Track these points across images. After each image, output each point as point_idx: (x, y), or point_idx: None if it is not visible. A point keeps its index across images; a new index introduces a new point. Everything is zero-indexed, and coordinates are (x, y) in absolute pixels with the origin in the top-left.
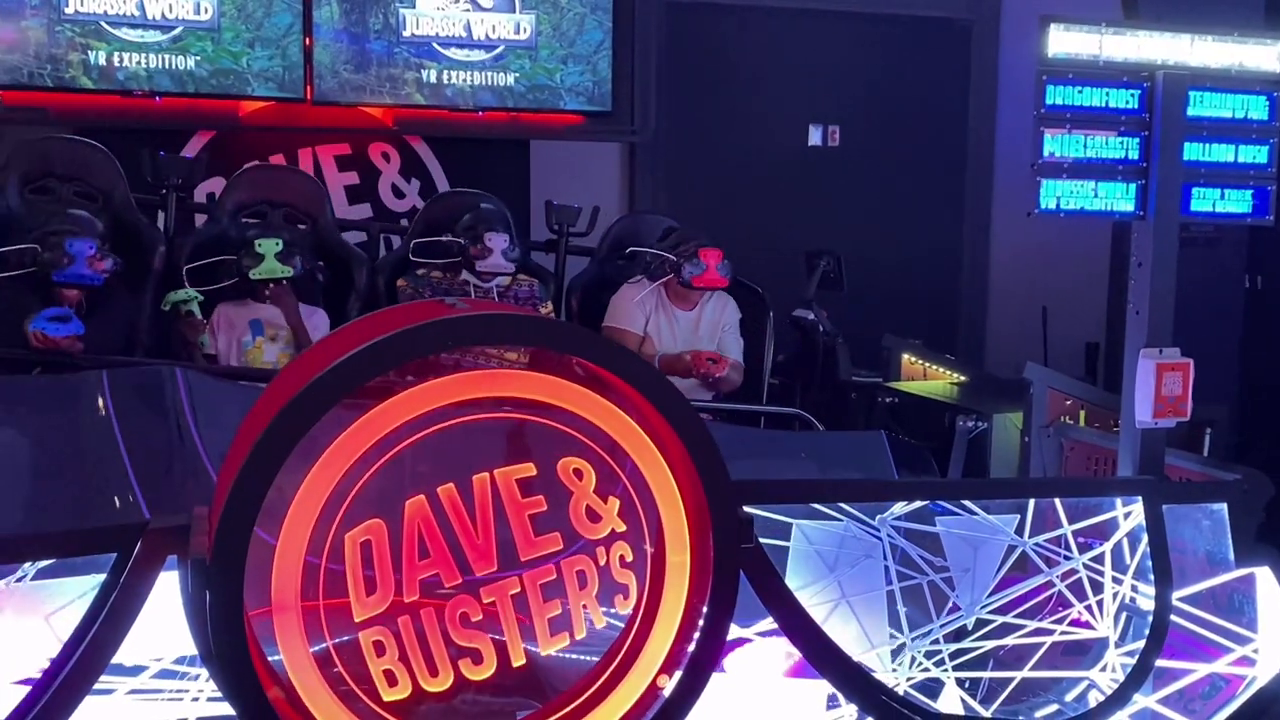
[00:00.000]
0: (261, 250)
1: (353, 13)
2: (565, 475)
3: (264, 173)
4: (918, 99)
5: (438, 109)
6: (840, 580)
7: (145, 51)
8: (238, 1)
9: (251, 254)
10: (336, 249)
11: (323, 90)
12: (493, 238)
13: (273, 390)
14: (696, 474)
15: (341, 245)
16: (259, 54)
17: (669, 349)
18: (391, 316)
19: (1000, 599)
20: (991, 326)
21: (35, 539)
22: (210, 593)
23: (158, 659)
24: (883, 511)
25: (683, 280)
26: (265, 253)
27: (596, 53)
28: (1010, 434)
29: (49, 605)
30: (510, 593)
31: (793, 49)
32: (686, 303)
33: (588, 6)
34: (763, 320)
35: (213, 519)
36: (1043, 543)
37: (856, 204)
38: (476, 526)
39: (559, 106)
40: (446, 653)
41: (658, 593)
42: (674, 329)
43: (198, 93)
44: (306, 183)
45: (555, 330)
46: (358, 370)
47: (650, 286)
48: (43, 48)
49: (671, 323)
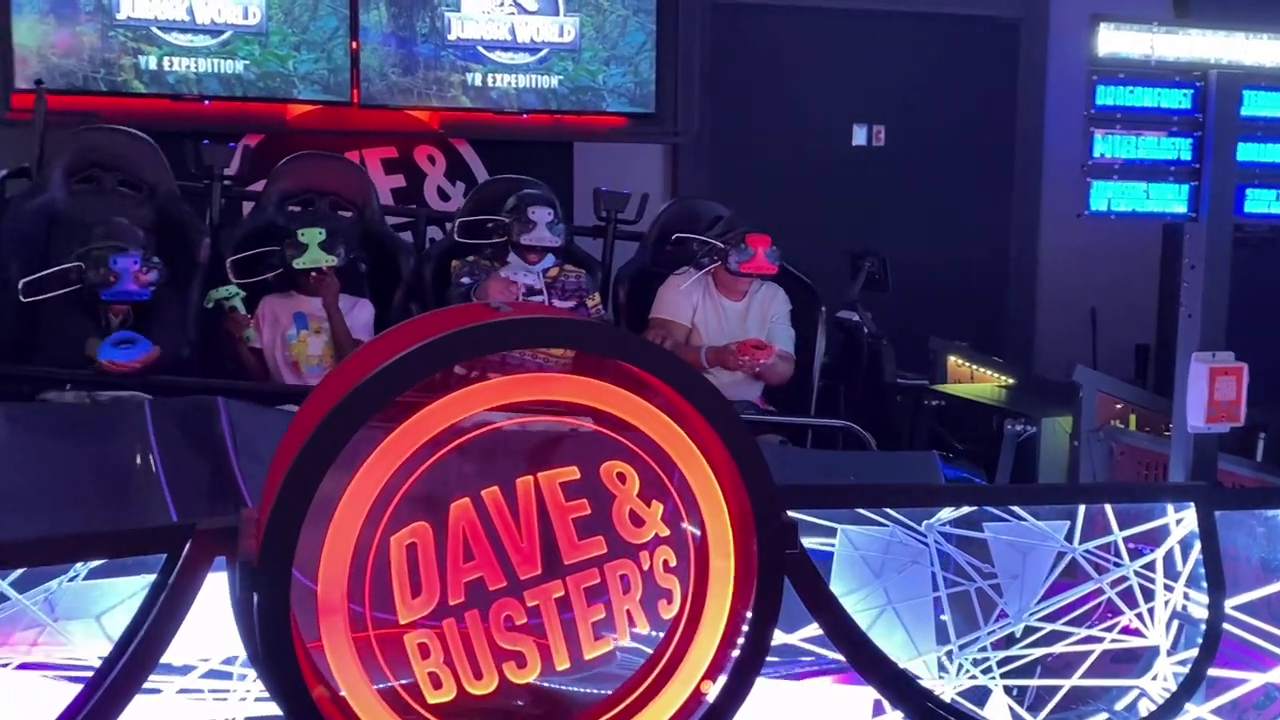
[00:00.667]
0: (305, 240)
1: (400, 16)
2: (609, 479)
3: (310, 161)
4: (964, 98)
5: (482, 112)
6: (886, 586)
7: (194, 56)
8: (284, 5)
9: (295, 244)
10: (382, 238)
11: (370, 93)
12: (536, 211)
13: (320, 393)
14: (740, 478)
15: (387, 234)
16: (304, 57)
17: (716, 340)
18: (437, 320)
19: (1049, 606)
20: (1039, 328)
21: (87, 538)
22: (258, 594)
23: (205, 659)
24: (929, 517)
25: (730, 268)
26: (309, 242)
27: (639, 54)
28: (1059, 438)
29: (100, 605)
30: (554, 596)
31: (837, 49)
32: (734, 292)
33: (630, 8)
34: (814, 314)
35: (260, 520)
36: (1093, 549)
37: (902, 204)
38: (520, 530)
39: (602, 108)
40: (491, 656)
41: (701, 598)
42: (722, 319)
43: (245, 96)
44: (352, 171)
45: (597, 334)
46: (404, 374)
47: (696, 275)
48: (96, 52)
49: (719, 313)
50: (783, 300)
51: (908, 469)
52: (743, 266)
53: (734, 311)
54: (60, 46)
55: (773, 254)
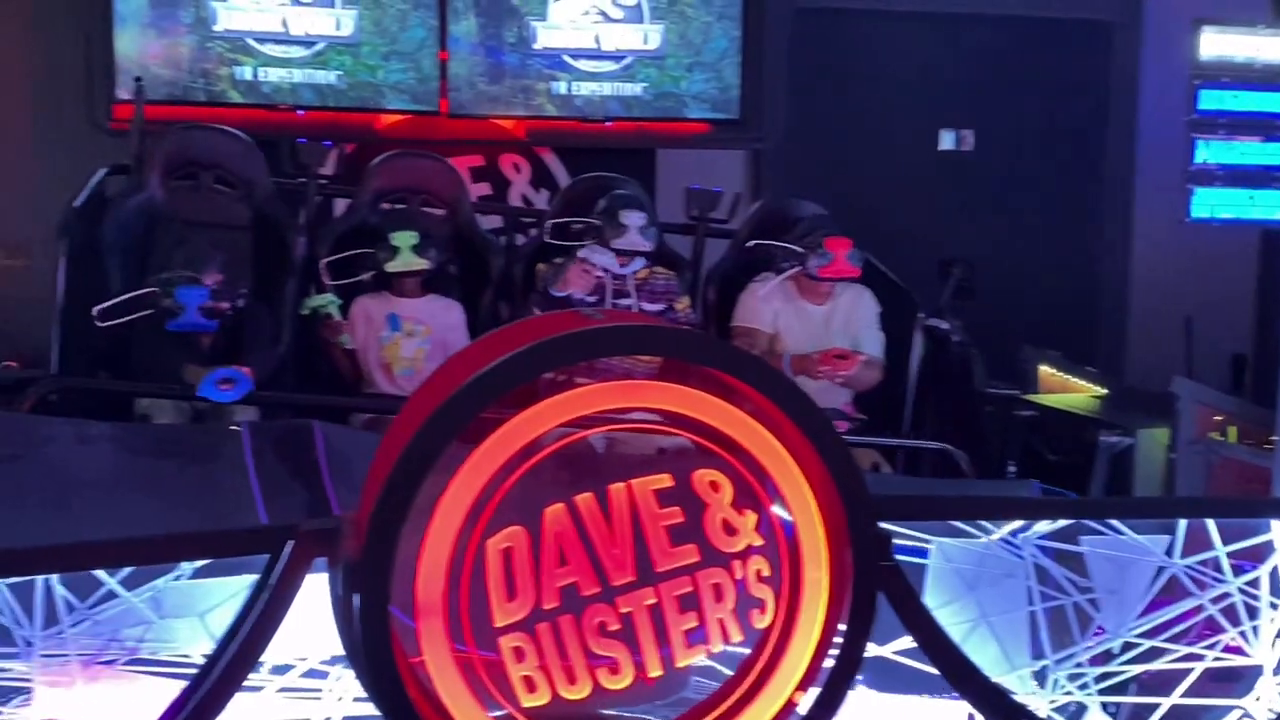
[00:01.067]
0: (397, 243)
1: (489, 26)
2: (701, 487)
3: (403, 160)
4: (1054, 102)
5: (567, 120)
6: (980, 600)
7: (289, 66)
8: (374, 17)
9: (387, 247)
10: (473, 237)
11: (458, 102)
12: (628, 215)
13: (419, 397)
14: (834, 488)
15: (478, 234)
16: (394, 67)
17: (801, 345)
18: (531, 327)
19: (1148, 622)
20: (1132, 337)
21: (193, 539)
22: (358, 595)
23: (303, 658)
24: (1025, 530)
25: (809, 273)
26: (401, 245)
27: (722, 60)
28: (1156, 450)
29: (204, 603)
30: (646, 603)
31: (923, 53)
32: (817, 296)
33: (714, 15)
34: (907, 317)
35: (360, 522)
36: (1194, 565)
37: (990, 210)
38: (614, 536)
39: (684, 115)
40: (584, 661)
41: (795, 609)
42: (805, 324)
43: (337, 106)
44: (445, 170)
45: (688, 341)
46: (502, 378)
47: (775, 281)
48: (194, 63)
49: (802, 318)
50: (869, 303)
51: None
52: (821, 271)
53: (817, 316)
54: (159, 57)
55: (854, 256)
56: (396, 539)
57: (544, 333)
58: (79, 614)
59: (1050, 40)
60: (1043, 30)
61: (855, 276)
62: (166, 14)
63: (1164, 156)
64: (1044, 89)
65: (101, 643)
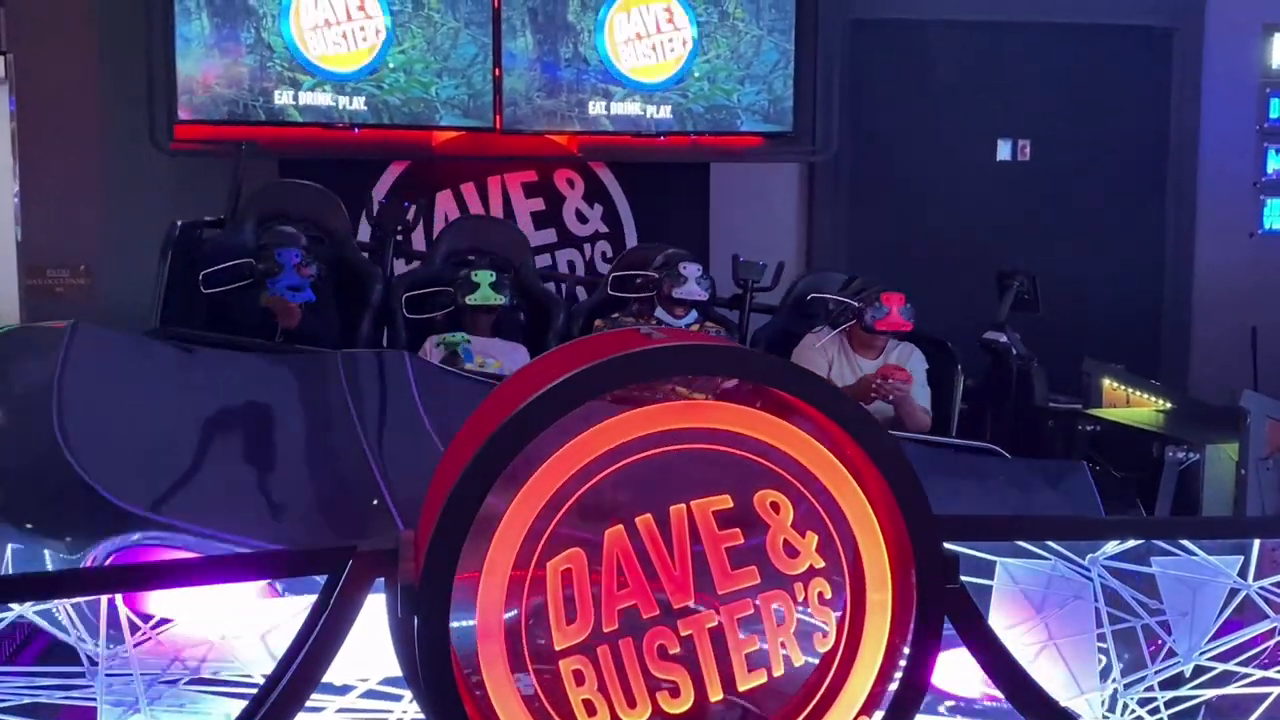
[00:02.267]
0: (477, 280)
1: (545, 43)
2: (762, 508)
3: (473, 223)
4: (1114, 110)
5: (621, 135)
6: (1048, 621)
7: (344, 83)
8: (426, 34)
9: (467, 283)
10: (537, 294)
11: (513, 118)
12: (687, 267)
13: (476, 419)
14: (898, 508)
15: (542, 290)
16: (446, 83)
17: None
18: (588, 346)
19: (1221, 645)
20: (1195, 349)
21: (252, 560)
22: (418, 617)
23: (364, 679)
24: (1094, 550)
25: (865, 325)
26: (481, 282)
27: (773, 72)
28: (1224, 466)
29: (265, 623)
30: (707, 626)
31: (980, 62)
32: (870, 350)
33: (765, 28)
34: (951, 372)
35: (419, 544)
36: (1268, 586)
37: (1050, 221)
38: (674, 558)
39: (737, 128)
40: (644, 684)
41: (858, 631)
42: (857, 378)
43: (392, 122)
44: (511, 232)
45: (750, 360)
46: (560, 400)
47: (831, 334)
48: (254, 83)
49: (855, 371)
50: (919, 359)
51: (1056, 478)
52: (878, 324)
53: (869, 369)
54: (220, 78)
55: (907, 311)
56: (456, 561)
57: (605, 352)
58: (143, 633)
59: (1109, 47)
60: (1101, 37)
61: (909, 330)
62: (228, 35)
63: (1226, 165)
64: (1103, 97)
65: (165, 662)
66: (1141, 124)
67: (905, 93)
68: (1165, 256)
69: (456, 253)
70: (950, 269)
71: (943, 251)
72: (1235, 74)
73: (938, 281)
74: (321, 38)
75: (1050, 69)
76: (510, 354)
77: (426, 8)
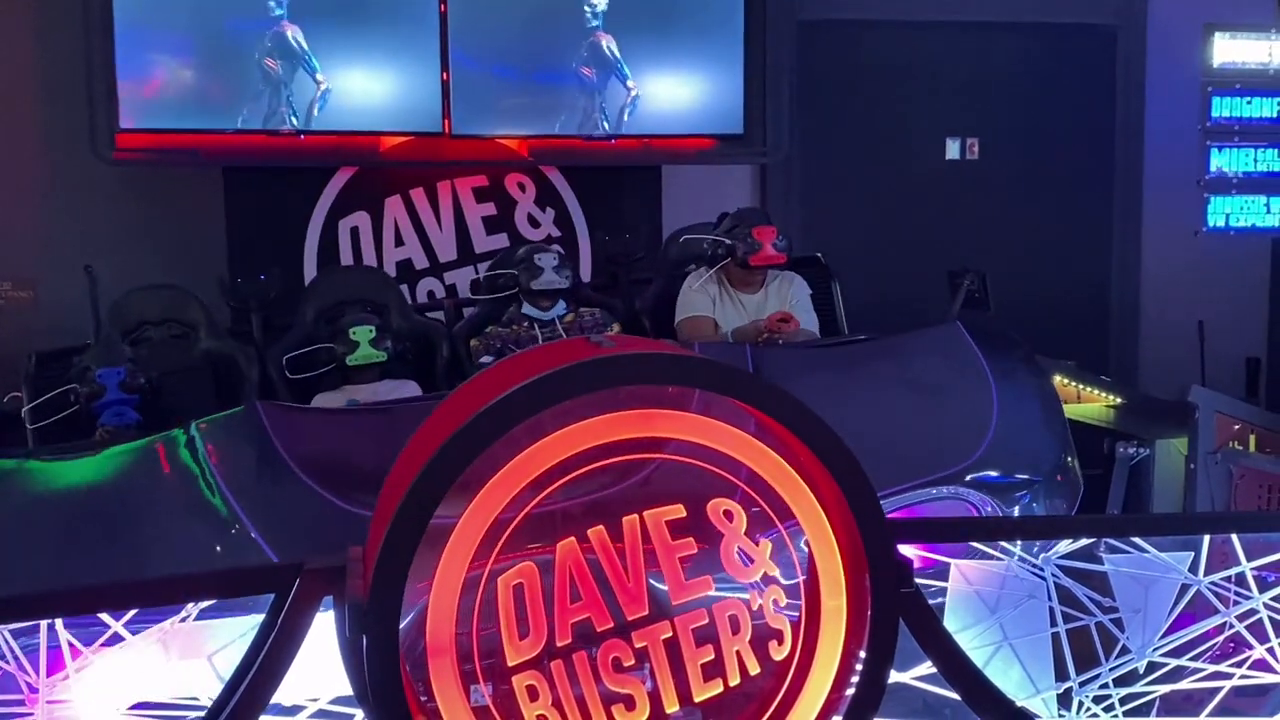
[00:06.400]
0: (356, 338)
1: (490, 46)
2: (715, 517)
3: (332, 276)
4: (1060, 108)
5: (571, 138)
6: (1002, 622)
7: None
8: (371, 39)
9: (346, 341)
10: (416, 327)
11: (461, 122)
12: (542, 257)
13: (422, 435)
14: (851, 514)
15: (421, 323)
16: (393, 90)
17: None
18: (539, 357)
19: (1173, 640)
20: (1144, 344)
21: (196, 579)
22: (367, 635)
23: (314, 699)
24: (1046, 550)
25: (739, 261)
26: (360, 340)
27: (724, 75)
28: (1174, 460)
29: (211, 645)
30: (662, 637)
31: (927, 61)
32: (749, 286)
33: (715, 29)
34: (829, 286)
35: (368, 561)
36: (1219, 581)
37: (999, 219)
38: (627, 569)
39: (689, 131)
40: (599, 698)
41: (813, 638)
42: (741, 313)
43: (340, 129)
44: (372, 275)
45: (705, 370)
46: (508, 413)
47: (709, 273)
48: (199, 90)
49: (737, 307)
50: (801, 285)
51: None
52: (753, 260)
53: (752, 304)
54: (163, 85)
55: (780, 243)
56: (404, 578)
57: (554, 362)
58: (83, 659)
59: (1054, 46)
60: (1046, 36)
61: (783, 262)
62: (170, 41)
63: (1170, 162)
64: (1050, 95)
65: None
66: (1087, 122)
67: (854, 93)
68: (1112, 254)
69: (325, 310)
70: (902, 268)
71: (895, 250)
72: (1177, 73)
73: (890, 280)
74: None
75: (996, 67)
76: (400, 391)
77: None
